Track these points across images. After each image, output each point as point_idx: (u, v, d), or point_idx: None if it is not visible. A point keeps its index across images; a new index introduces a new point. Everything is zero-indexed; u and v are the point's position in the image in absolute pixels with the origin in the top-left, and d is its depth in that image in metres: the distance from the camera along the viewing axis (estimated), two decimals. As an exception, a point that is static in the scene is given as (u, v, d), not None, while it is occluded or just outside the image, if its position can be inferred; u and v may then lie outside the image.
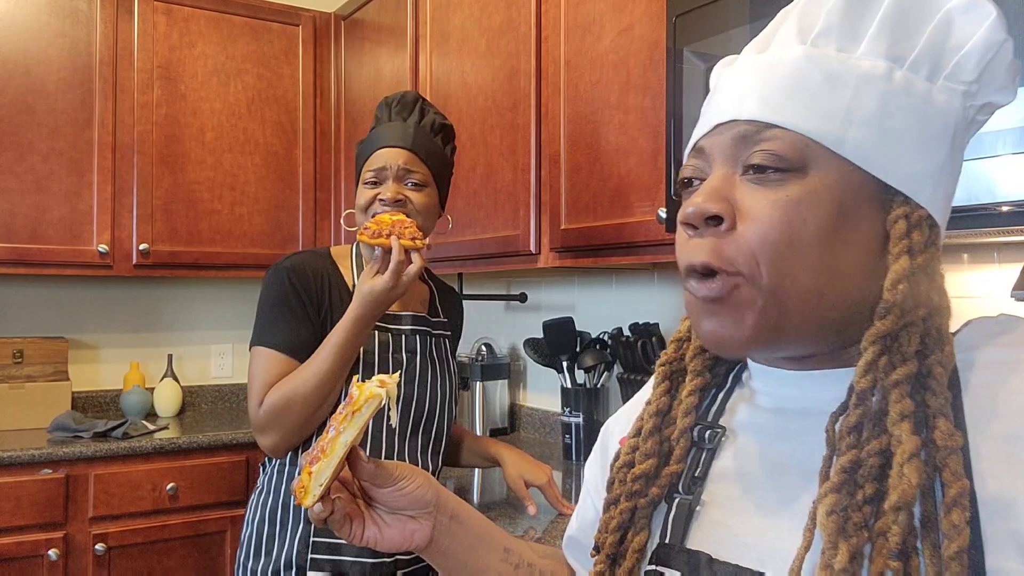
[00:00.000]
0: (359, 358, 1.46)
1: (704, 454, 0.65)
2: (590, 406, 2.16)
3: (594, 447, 0.80)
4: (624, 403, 2.22)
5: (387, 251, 1.39)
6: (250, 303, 3.25)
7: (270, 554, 1.45)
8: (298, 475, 0.68)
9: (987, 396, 0.54)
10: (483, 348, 2.61)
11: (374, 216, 1.44)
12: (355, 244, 1.60)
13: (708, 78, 1.40)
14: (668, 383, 0.69)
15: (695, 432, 0.66)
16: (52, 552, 2.27)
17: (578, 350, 2.17)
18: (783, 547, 0.56)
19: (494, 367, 2.54)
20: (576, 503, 1.68)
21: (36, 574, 2.26)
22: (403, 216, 1.43)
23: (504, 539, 0.79)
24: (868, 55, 0.57)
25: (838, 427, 0.55)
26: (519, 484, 1.61)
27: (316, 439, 1.44)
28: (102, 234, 2.65)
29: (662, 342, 2.00)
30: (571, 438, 2.17)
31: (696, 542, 0.62)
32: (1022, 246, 1.39)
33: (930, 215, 0.57)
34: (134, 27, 2.73)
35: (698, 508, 0.63)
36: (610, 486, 0.68)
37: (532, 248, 1.95)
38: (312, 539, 1.41)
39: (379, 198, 1.48)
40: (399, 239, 1.39)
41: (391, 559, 1.43)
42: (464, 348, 2.67)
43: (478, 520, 0.78)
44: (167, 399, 2.89)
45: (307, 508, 0.68)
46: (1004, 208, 0.99)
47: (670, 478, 0.64)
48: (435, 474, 1.59)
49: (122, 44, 2.71)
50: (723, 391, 0.69)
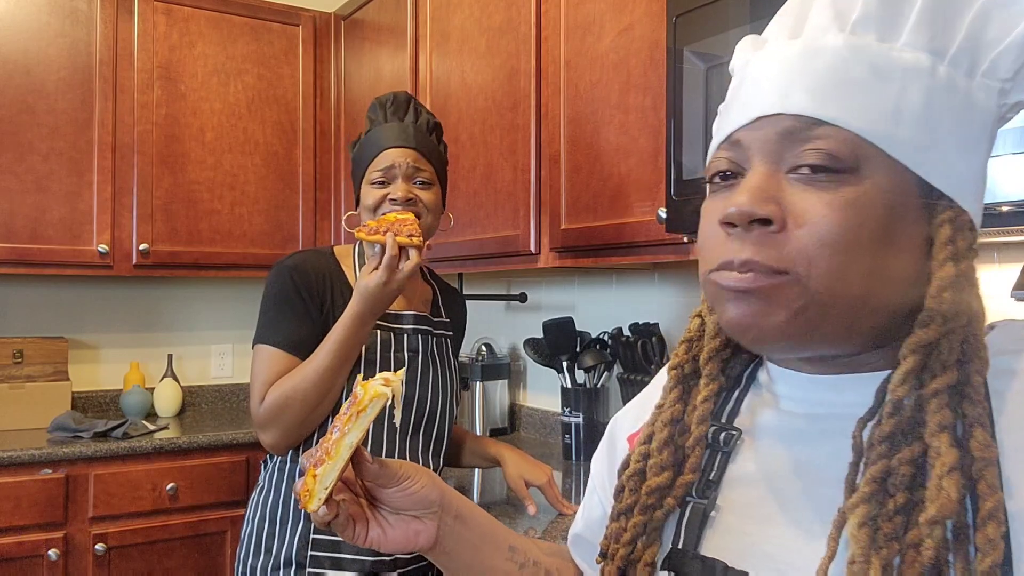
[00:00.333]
0: (361, 356, 1.46)
1: (719, 457, 0.63)
2: (590, 406, 2.15)
3: (600, 443, 0.79)
4: (624, 403, 2.21)
5: (385, 248, 1.40)
6: (250, 303, 3.25)
7: (270, 551, 1.46)
8: (301, 477, 0.67)
9: (1020, 405, 0.52)
10: (483, 348, 2.61)
11: (383, 215, 1.46)
12: (357, 244, 1.61)
13: (708, 77, 1.41)
14: (680, 388, 0.66)
15: (709, 434, 0.64)
16: (52, 552, 2.27)
17: (578, 350, 2.17)
18: (802, 557, 0.55)
19: (494, 367, 2.54)
20: (576, 503, 1.69)
21: (36, 574, 2.26)
22: (410, 215, 1.44)
23: (509, 537, 0.78)
24: (910, 47, 0.54)
25: (868, 435, 0.53)
26: (519, 484, 1.62)
27: (319, 439, 1.45)
28: (102, 234, 2.65)
29: (662, 342, 2.00)
30: (571, 438, 2.16)
31: (711, 549, 0.60)
32: (1022, 246, 1.39)
33: (971, 218, 0.55)
34: (134, 27, 2.73)
35: (713, 513, 0.61)
36: (619, 494, 0.65)
37: (532, 248, 1.95)
38: (312, 536, 1.42)
39: (390, 197, 1.48)
40: (395, 236, 1.39)
41: (390, 557, 1.43)
42: (464, 348, 2.67)
43: (483, 519, 0.77)
44: (167, 399, 2.89)
45: (311, 512, 0.66)
46: (1004, 208, 0.99)
47: (685, 488, 0.62)
48: (437, 473, 1.59)
49: (122, 44, 2.71)
50: (738, 391, 0.66)
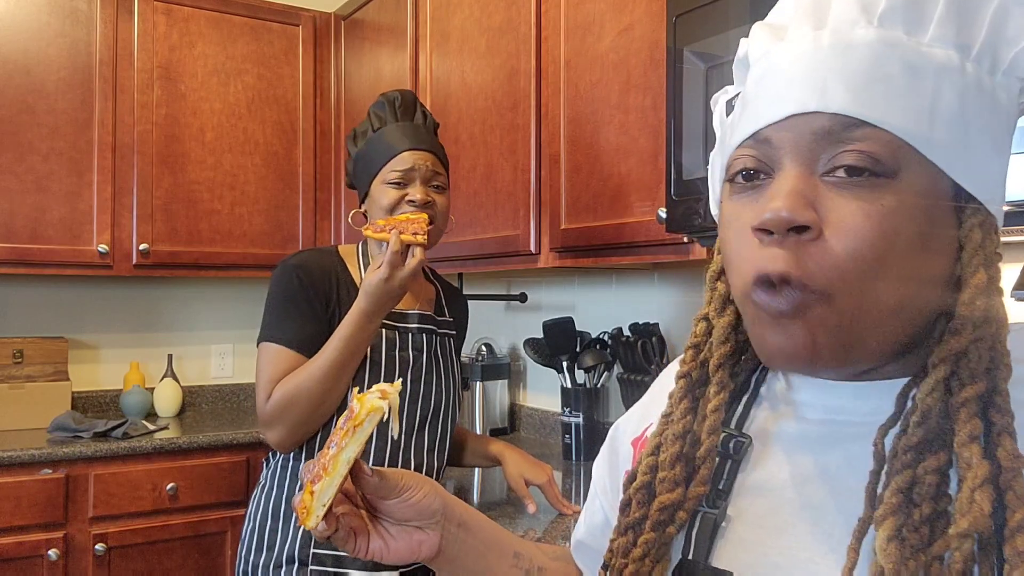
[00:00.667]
0: (366, 356, 1.46)
1: (728, 465, 0.61)
2: (590, 406, 2.15)
3: (602, 449, 0.77)
4: (624, 403, 2.21)
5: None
6: (250, 303, 3.25)
7: (272, 548, 1.46)
8: (299, 491, 0.66)
9: None
10: (483, 348, 2.61)
11: (395, 215, 1.47)
12: (360, 243, 1.61)
13: (708, 77, 1.41)
14: (690, 398, 0.63)
15: (719, 440, 0.61)
16: (52, 552, 2.26)
17: (578, 350, 2.17)
18: (817, 567, 0.53)
19: (494, 367, 2.54)
20: (576, 503, 1.69)
21: (36, 574, 2.26)
22: (422, 216, 1.45)
23: (513, 543, 0.77)
24: (938, 42, 0.52)
25: (892, 443, 0.52)
26: (519, 483, 1.62)
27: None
28: (102, 234, 2.65)
29: (662, 342, 2.00)
30: (571, 438, 2.17)
31: (722, 560, 0.58)
32: (1022, 246, 1.40)
33: (996, 220, 0.54)
34: (134, 27, 2.73)
35: (723, 524, 0.59)
36: (625, 507, 0.63)
37: (532, 248, 1.95)
38: None
39: (408, 199, 1.49)
40: (400, 234, 1.40)
41: None
42: (464, 348, 2.67)
43: (487, 526, 0.76)
44: (167, 399, 2.89)
45: (310, 529, 0.65)
46: (1004, 208, 0.99)
47: (696, 500, 0.60)
48: (439, 473, 1.60)
49: (122, 44, 2.71)
50: (745, 396, 0.64)
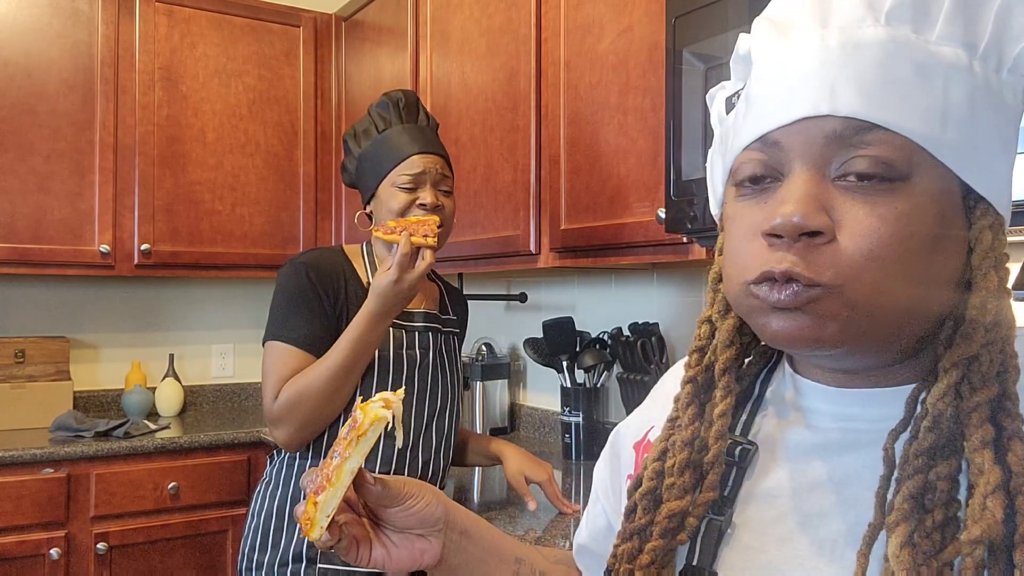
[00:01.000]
0: (374, 355, 1.47)
1: (734, 472, 0.60)
2: (590, 406, 2.16)
3: (603, 453, 0.77)
4: (624, 402, 2.21)
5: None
6: (251, 303, 3.25)
7: (277, 546, 1.46)
8: (302, 503, 0.66)
9: None
10: (483, 348, 2.61)
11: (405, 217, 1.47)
12: (364, 243, 1.62)
13: (707, 78, 1.41)
14: (697, 404, 0.62)
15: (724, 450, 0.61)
16: (54, 551, 2.27)
17: (578, 350, 2.18)
18: (823, 575, 0.53)
19: (494, 367, 2.55)
20: (576, 502, 1.70)
21: (37, 573, 2.27)
22: (433, 218, 1.45)
23: (516, 549, 0.77)
24: (946, 40, 0.51)
25: (902, 449, 0.51)
26: (519, 480, 1.63)
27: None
28: (104, 234, 2.65)
29: (662, 342, 2.01)
30: (571, 438, 2.17)
31: (727, 567, 0.58)
32: (1022, 246, 1.40)
33: (1004, 223, 0.54)
34: (135, 28, 2.73)
35: (728, 531, 0.59)
36: (630, 513, 0.62)
37: (532, 248, 1.96)
38: None
39: (419, 203, 1.50)
40: (411, 236, 1.40)
41: None
42: (464, 348, 2.67)
43: (488, 533, 0.75)
44: (168, 399, 2.90)
45: (314, 540, 0.65)
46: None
47: (705, 506, 0.59)
48: (445, 469, 1.61)
49: (123, 45, 2.72)
50: (750, 401, 0.64)
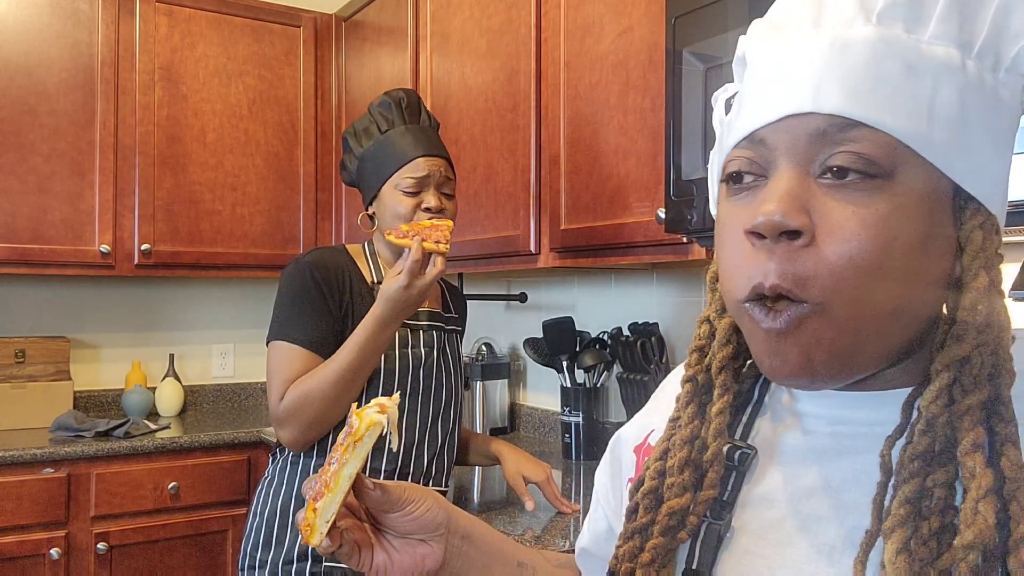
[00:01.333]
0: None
1: (733, 476, 0.60)
2: (590, 406, 2.16)
3: (603, 457, 0.77)
4: (623, 402, 2.21)
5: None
6: (251, 303, 3.26)
7: (281, 545, 1.46)
8: (302, 510, 0.66)
9: None
10: (483, 348, 2.61)
11: (417, 221, 1.46)
12: (366, 242, 1.62)
13: (707, 79, 1.42)
14: (696, 403, 0.62)
15: (724, 451, 0.61)
16: (54, 551, 2.27)
17: (578, 350, 2.18)
18: None
19: (494, 367, 2.55)
20: (576, 502, 1.70)
21: (38, 573, 2.27)
22: (447, 223, 1.44)
23: (518, 553, 0.77)
24: (939, 40, 0.51)
25: (897, 453, 0.51)
26: (518, 480, 1.63)
27: (319, 469, 1.46)
28: (104, 234, 2.66)
29: (661, 342, 2.01)
30: (571, 437, 2.17)
31: (725, 571, 0.58)
32: (1022, 246, 1.40)
33: (997, 223, 0.53)
34: (135, 28, 2.74)
35: (727, 535, 0.59)
36: (632, 513, 0.62)
37: (532, 248, 1.96)
38: None
39: (425, 206, 1.49)
40: (423, 241, 1.39)
41: None
42: (464, 348, 2.68)
43: (490, 537, 0.75)
44: (169, 398, 2.90)
45: (314, 546, 0.65)
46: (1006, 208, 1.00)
47: (705, 504, 0.59)
48: (449, 467, 1.61)
49: (123, 45, 2.72)
50: (750, 405, 0.64)
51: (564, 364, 2.19)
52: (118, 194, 2.69)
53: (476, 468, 2.09)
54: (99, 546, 2.34)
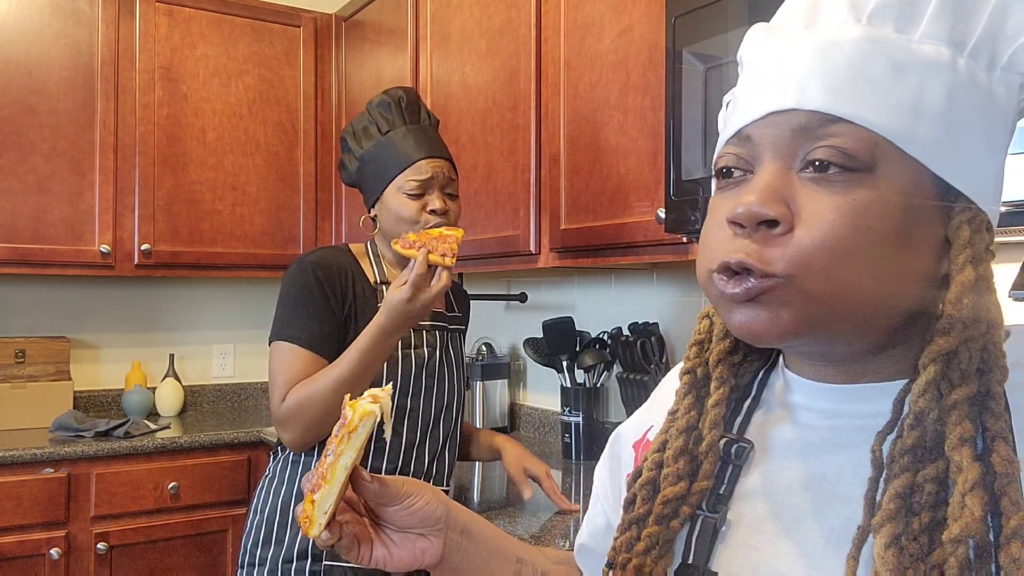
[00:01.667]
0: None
1: (730, 470, 0.60)
2: (590, 406, 2.16)
3: (603, 454, 0.77)
4: (624, 402, 2.21)
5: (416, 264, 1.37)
6: (251, 303, 3.26)
7: (281, 543, 1.46)
8: (300, 503, 0.66)
9: None
10: (483, 348, 2.61)
11: (430, 227, 1.44)
12: (368, 242, 1.62)
13: (707, 78, 1.41)
14: (694, 395, 0.63)
15: (721, 446, 0.61)
16: (54, 551, 2.27)
17: (578, 350, 2.18)
18: (816, 573, 0.53)
19: (494, 367, 2.55)
20: (576, 502, 1.70)
21: (38, 573, 2.27)
22: (457, 232, 1.39)
23: (517, 549, 0.77)
24: (929, 39, 0.52)
25: (887, 448, 0.51)
26: (518, 470, 1.62)
27: (316, 463, 1.46)
28: (104, 234, 2.66)
29: (661, 342, 2.01)
30: (571, 437, 2.17)
31: (721, 564, 0.58)
32: (1021, 246, 1.40)
33: (988, 218, 0.53)
34: (135, 28, 2.74)
35: (723, 528, 0.59)
36: (630, 504, 0.63)
37: (532, 248, 1.96)
38: None
39: (430, 209, 1.48)
40: (429, 253, 1.35)
41: None
42: (464, 347, 2.68)
43: (489, 532, 0.75)
44: (169, 399, 2.90)
45: (314, 538, 0.66)
46: (1002, 208, 1.00)
47: (700, 495, 0.60)
48: (452, 464, 1.61)
49: (124, 45, 2.72)
50: (748, 400, 0.64)
51: (564, 364, 2.18)
52: (118, 194, 2.69)
53: (476, 468, 2.09)
54: (99, 546, 2.34)
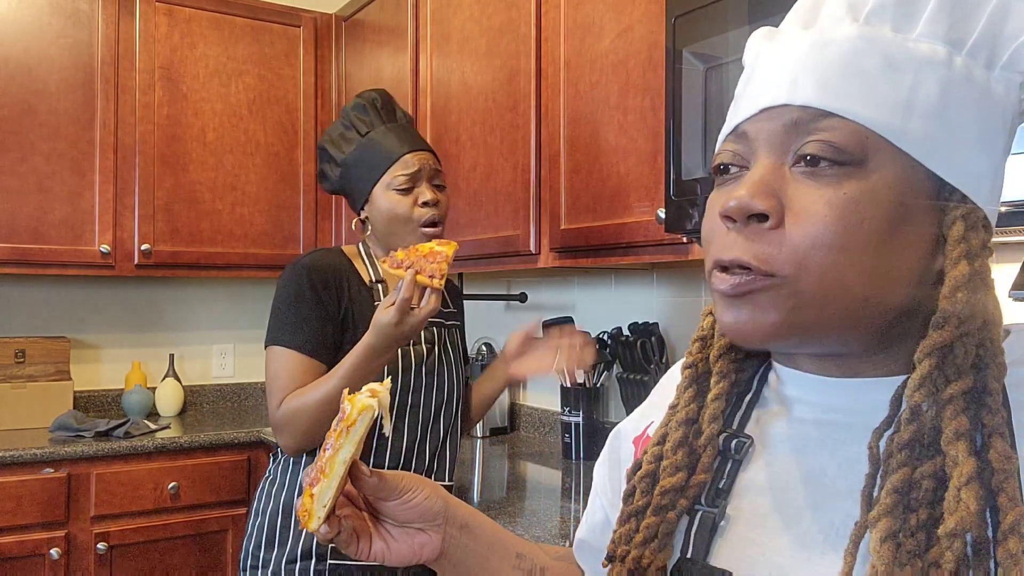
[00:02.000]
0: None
1: (730, 465, 0.61)
2: (589, 406, 2.16)
3: (603, 451, 0.78)
4: (623, 402, 2.21)
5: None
6: (251, 303, 3.26)
7: (284, 544, 1.46)
8: (299, 496, 0.66)
9: None
10: (483, 348, 2.61)
11: (416, 246, 1.40)
12: (360, 243, 1.61)
13: (707, 78, 1.41)
14: (695, 388, 0.64)
15: (721, 440, 0.61)
16: (54, 551, 2.27)
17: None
18: (814, 568, 0.53)
19: (494, 367, 2.55)
20: (575, 502, 1.69)
21: (38, 573, 2.27)
22: (449, 247, 1.36)
23: (516, 544, 0.77)
24: (926, 37, 0.52)
25: (885, 444, 0.51)
26: (515, 347, 1.62)
27: (315, 457, 1.46)
28: (104, 234, 2.65)
29: (661, 341, 2.01)
30: (571, 437, 2.17)
31: (720, 559, 0.58)
32: (1021, 246, 1.40)
33: (985, 216, 0.53)
34: (135, 28, 2.74)
35: (722, 523, 0.59)
36: (629, 496, 0.63)
37: (532, 248, 1.96)
38: None
39: (422, 201, 1.48)
40: (416, 273, 1.32)
41: None
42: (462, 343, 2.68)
43: (489, 527, 0.76)
44: (168, 399, 2.90)
45: (312, 531, 0.66)
46: (1002, 208, 1.00)
47: (698, 488, 0.60)
48: (452, 462, 1.61)
49: (124, 45, 2.72)
50: (749, 395, 0.64)
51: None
52: (118, 194, 2.69)
53: (476, 468, 2.09)
54: (99, 546, 2.34)
